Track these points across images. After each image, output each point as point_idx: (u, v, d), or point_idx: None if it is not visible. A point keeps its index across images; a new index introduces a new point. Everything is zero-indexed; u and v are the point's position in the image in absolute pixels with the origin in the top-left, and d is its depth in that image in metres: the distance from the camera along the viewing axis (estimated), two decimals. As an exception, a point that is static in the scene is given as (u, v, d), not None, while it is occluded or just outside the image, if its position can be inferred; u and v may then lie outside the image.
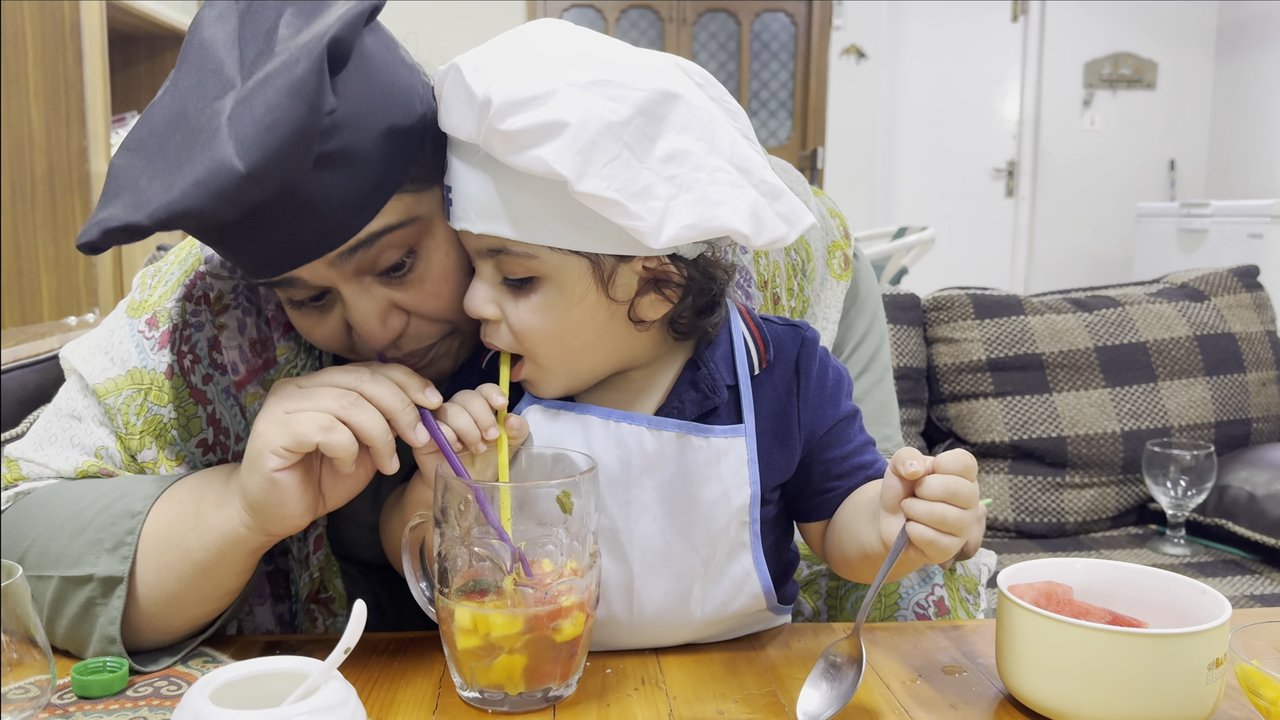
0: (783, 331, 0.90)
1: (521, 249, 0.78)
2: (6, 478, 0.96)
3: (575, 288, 0.80)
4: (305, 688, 0.62)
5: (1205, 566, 1.86)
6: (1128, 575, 0.86)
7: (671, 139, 0.75)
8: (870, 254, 3.97)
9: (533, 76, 0.74)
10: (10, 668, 0.71)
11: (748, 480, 0.85)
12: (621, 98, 0.74)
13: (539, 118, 0.72)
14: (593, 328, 0.82)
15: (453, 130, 0.79)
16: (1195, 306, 2.17)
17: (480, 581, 0.77)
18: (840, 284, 1.18)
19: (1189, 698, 0.74)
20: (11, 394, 1.42)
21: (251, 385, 0.96)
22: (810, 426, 0.88)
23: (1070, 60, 6.41)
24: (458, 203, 0.81)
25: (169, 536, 0.84)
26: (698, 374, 0.86)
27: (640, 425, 0.84)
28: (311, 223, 0.77)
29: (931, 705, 0.81)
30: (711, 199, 0.75)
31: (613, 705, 0.80)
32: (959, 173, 6.53)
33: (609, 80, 0.74)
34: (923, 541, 0.74)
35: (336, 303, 0.86)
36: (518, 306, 0.81)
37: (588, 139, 0.72)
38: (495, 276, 0.82)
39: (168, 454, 0.95)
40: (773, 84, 6.35)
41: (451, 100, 0.78)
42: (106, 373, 0.95)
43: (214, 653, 0.90)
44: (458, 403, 0.82)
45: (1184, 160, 6.46)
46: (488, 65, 0.76)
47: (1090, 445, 2.05)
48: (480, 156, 0.78)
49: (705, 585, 0.87)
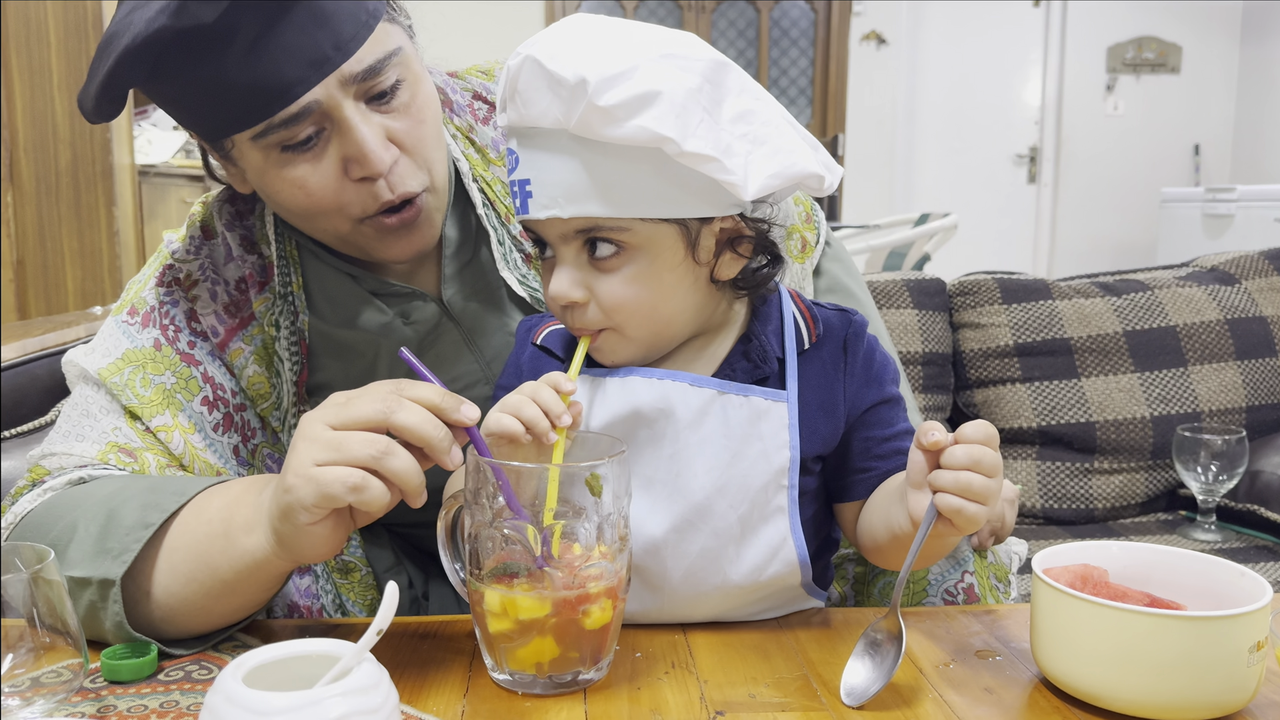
0: (832, 314, 0.94)
1: (614, 224, 0.82)
2: (29, 477, 0.97)
3: (667, 255, 0.84)
4: (338, 670, 0.62)
5: (1237, 552, 1.84)
6: (1164, 558, 0.85)
7: (734, 101, 0.82)
8: (892, 240, 3.94)
9: (613, 55, 0.78)
10: (43, 652, 0.71)
11: (786, 444, 0.87)
12: (689, 68, 0.79)
13: (633, 89, 0.76)
14: (681, 292, 0.86)
15: (534, 120, 0.81)
16: (1225, 290, 2.14)
17: (511, 565, 0.76)
18: (800, 265, 1.21)
19: (1229, 681, 0.73)
20: (39, 381, 1.43)
21: (233, 342, 1.05)
22: (853, 401, 0.91)
23: (1093, 44, 6.34)
24: (540, 192, 0.82)
25: (198, 555, 0.83)
26: (749, 345, 0.90)
27: (683, 382, 0.87)
28: (327, 31, 0.87)
29: (965, 688, 0.80)
30: (784, 149, 0.82)
31: (644, 689, 0.80)
32: (981, 159, 6.49)
33: (673, 54, 0.80)
34: (950, 510, 0.75)
35: (332, 141, 0.93)
36: (609, 282, 0.84)
37: (679, 103, 0.77)
38: (579, 259, 0.84)
39: (181, 419, 1.01)
40: (792, 71, 6.32)
41: (530, 91, 0.80)
42: (105, 360, 1.02)
43: (244, 637, 0.90)
44: (524, 393, 0.81)
45: (1209, 145, 6.39)
46: (564, 51, 0.78)
47: (1119, 431, 2.03)
48: (565, 141, 0.80)
49: (740, 547, 0.88)
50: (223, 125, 0.92)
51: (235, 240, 1.07)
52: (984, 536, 1.08)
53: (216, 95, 0.89)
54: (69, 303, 2.94)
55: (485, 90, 1.17)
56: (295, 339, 1.05)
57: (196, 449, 1.01)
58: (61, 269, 2.95)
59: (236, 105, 0.89)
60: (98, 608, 0.83)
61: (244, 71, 0.87)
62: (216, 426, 1.03)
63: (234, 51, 0.86)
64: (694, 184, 0.81)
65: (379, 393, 0.77)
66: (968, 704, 0.78)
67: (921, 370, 2.05)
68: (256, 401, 1.05)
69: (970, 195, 6.38)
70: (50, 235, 2.92)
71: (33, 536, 0.88)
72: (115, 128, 2.92)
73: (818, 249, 1.23)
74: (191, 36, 0.84)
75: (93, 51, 3.16)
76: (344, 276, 1.07)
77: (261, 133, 0.91)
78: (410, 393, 0.77)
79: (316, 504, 0.74)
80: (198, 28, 0.83)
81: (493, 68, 1.21)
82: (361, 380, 0.99)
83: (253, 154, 0.94)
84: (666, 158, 0.79)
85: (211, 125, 0.93)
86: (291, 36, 0.87)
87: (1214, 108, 6.38)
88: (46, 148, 2.90)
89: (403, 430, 0.75)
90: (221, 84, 0.87)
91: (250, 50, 0.86)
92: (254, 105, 0.89)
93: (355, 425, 0.76)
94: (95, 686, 0.81)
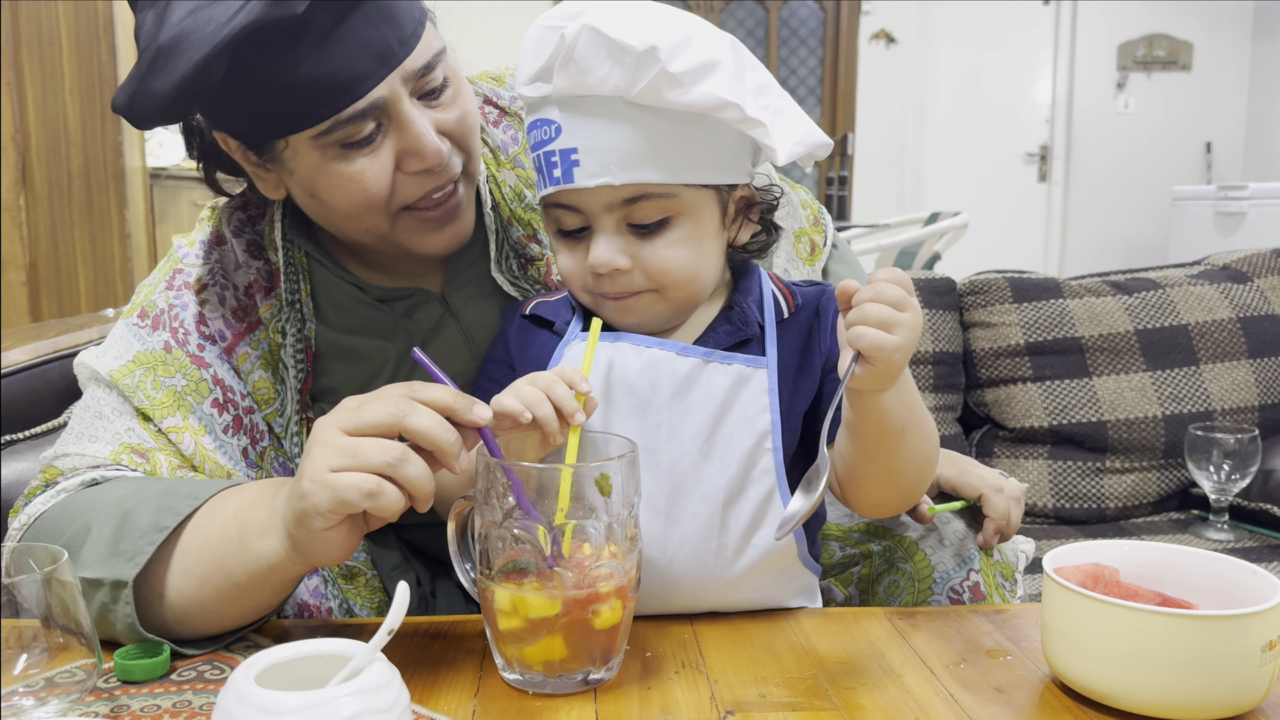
0: (808, 289, 0.98)
1: (663, 190, 0.85)
2: (43, 478, 0.98)
3: (709, 220, 0.89)
4: (349, 669, 0.62)
5: (1249, 552, 1.83)
6: (1175, 557, 0.84)
7: (751, 75, 0.87)
8: (902, 240, 3.94)
9: (671, 24, 0.83)
10: (56, 652, 0.71)
11: (767, 408, 0.90)
12: (720, 43, 0.85)
13: (698, 57, 0.81)
14: (715, 256, 0.92)
15: (590, 88, 0.83)
16: (1238, 288, 2.13)
17: (520, 563, 0.77)
18: (808, 268, 1.23)
19: (1242, 681, 0.72)
20: (53, 384, 1.43)
21: (240, 347, 1.06)
22: (829, 355, 0.94)
23: (1103, 42, 6.32)
24: (590, 160, 0.84)
25: (212, 559, 0.84)
26: (731, 312, 0.94)
27: (670, 350, 0.90)
28: (392, 26, 0.91)
29: (976, 689, 0.80)
30: (800, 119, 0.88)
31: (654, 689, 0.80)
32: (991, 157, 6.47)
33: (705, 28, 0.85)
34: (853, 337, 0.79)
35: (389, 136, 0.95)
36: (653, 247, 0.87)
37: (733, 73, 0.83)
38: (620, 227, 0.87)
39: (191, 420, 1.01)
40: (801, 70, 6.31)
41: (589, 59, 0.82)
42: (117, 362, 1.03)
43: (256, 637, 0.91)
44: (538, 385, 0.81)
45: (1220, 142, 6.36)
46: (623, 20, 0.81)
47: (1131, 430, 2.02)
48: (621, 108, 0.83)
49: (730, 510, 0.89)
50: (284, 124, 0.92)
51: (241, 246, 1.08)
52: (989, 535, 1.08)
53: (284, 92, 0.89)
54: (81, 305, 2.95)
55: (495, 95, 1.19)
56: (302, 346, 1.06)
57: (207, 450, 1.01)
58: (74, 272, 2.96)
59: (303, 101, 0.90)
60: (109, 609, 0.84)
61: (316, 64, 0.88)
62: (226, 429, 1.03)
63: (305, 44, 0.87)
64: (731, 150, 0.87)
65: (391, 396, 0.77)
66: (979, 703, 0.78)
67: (932, 370, 2.05)
68: (261, 407, 1.06)
69: (980, 194, 6.36)
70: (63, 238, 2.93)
71: (46, 537, 0.88)
72: (127, 131, 2.93)
73: (825, 250, 1.23)
74: (274, 30, 0.85)
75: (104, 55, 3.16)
76: (349, 284, 1.08)
77: (327, 130, 0.92)
78: (423, 395, 0.77)
79: (332, 510, 0.75)
80: (282, 20, 0.84)
81: (503, 74, 1.22)
82: (367, 385, 1.00)
83: (309, 154, 0.94)
84: (712, 123, 0.83)
85: (271, 125, 0.92)
86: (361, 30, 0.89)
87: (1226, 105, 6.35)
88: (59, 151, 2.91)
89: (415, 435, 0.75)
90: (291, 79, 0.88)
91: (323, 43, 0.87)
92: (322, 100, 0.90)
93: (369, 430, 0.76)
94: (109, 686, 0.81)
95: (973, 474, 1.12)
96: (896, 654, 0.86)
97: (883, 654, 0.86)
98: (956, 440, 2.07)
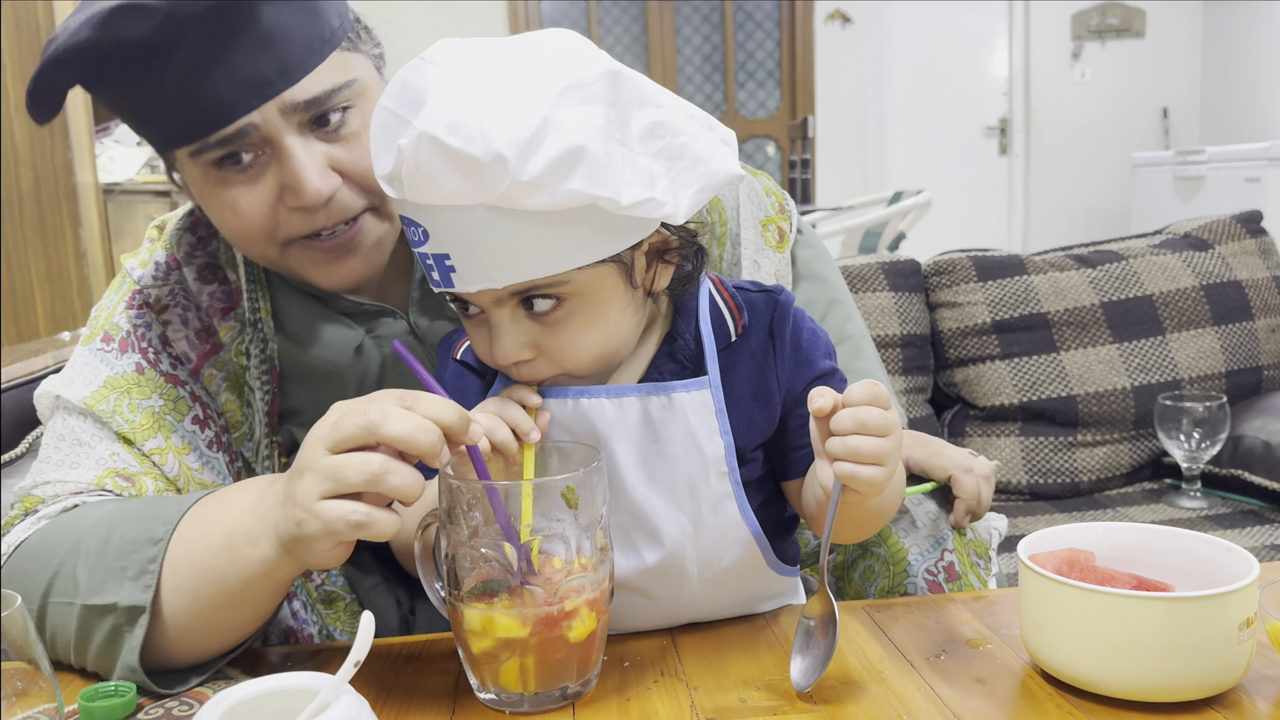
0: (757, 298, 0.91)
1: (551, 281, 0.77)
2: (21, 507, 0.95)
3: (611, 289, 0.81)
4: (316, 704, 0.61)
5: (1223, 518, 1.85)
6: (1150, 537, 0.84)
7: (637, 116, 0.76)
8: (866, 220, 3.94)
9: (517, 111, 0.71)
10: (16, 697, 0.69)
11: (718, 430, 0.85)
12: (588, 97, 0.74)
13: (554, 151, 0.71)
14: (625, 319, 0.84)
15: (446, 199, 0.74)
16: (1200, 256, 2.15)
17: (491, 583, 0.75)
18: (779, 255, 1.20)
19: (1220, 660, 0.72)
20: (10, 414, 1.40)
21: (205, 369, 1.04)
22: (788, 386, 0.89)
23: (1057, 12, 6.35)
24: (465, 266, 0.76)
25: (202, 570, 0.82)
26: (675, 345, 0.88)
27: (598, 397, 0.85)
28: (272, 56, 0.87)
29: (957, 680, 0.80)
30: (703, 157, 0.78)
31: (633, 700, 0.79)
32: (951, 133, 6.49)
33: (568, 84, 0.73)
34: (844, 476, 0.74)
35: (271, 166, 0.92)
36: (555, 335, 0.81)
37: (601, 153, 0.73)
38: (515, 315, 0.80)
39: (174, 440, 1.00)
40: (758, 54, 6.30)
41: (437, 171, 0.72)
42: (88, 389, 1.00)
43: (230, 670, 0.89)
44: (490, 410, 0.79)
45: (1177, 108, 6.41)
46: (463, 119, 0.71)
47: (1101, 403, 2.03)
48: (484, 214, 0.74)
49: (698, 544, 0.87)
50: (163, 139, 0.93)
51: (193, 273, 1.05)
52: (960, 515, 1.08)
53: (156, 109, 0.89)
54: (40, 327, 2.90)
55: None
56: (266, 367, 1.03)
57: (192, 470, 1.00)
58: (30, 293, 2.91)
59: (175, 121, 0.89)
60: (122, 632, 0.82)
61: (183, 89, 0.87)
62: (210, 444, 1.02)
63: (175, 68, 0.86)
64: (623, 220, 0.77)
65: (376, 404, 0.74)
66: (960, 697, 0.77)
67: (900, 352, 2.05)
68: (230, 429, 1.04)
69: (943, 170, 6.38)
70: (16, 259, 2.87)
71: (31, 564, 0.87)
72: (77, 146, 2.88)
73: (792, 237, 1.22)
74: (124, 50, 0.84)
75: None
76: (312, 300, 1.06)
77: (198, 150, 0.91)
78: (422, 409, 0.74)
79: (325, 538, 0.74)
80: (124, 43, 0.83)
81: None
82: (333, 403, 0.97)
83: (192, 170, 0.94)
84: (596, 208, 0.74)
85: (153, 137, 0.94)
86: (235, 59, 0.86)
87: (1180, 70, 6.39)
88: (7, 170, 2.85)
89: (393, 443, 0.73)
90: (160, 99, 0.88)
91: (193, 69, 0.86)
92: (192, 123, 0.89)
93: (348, 445, 0.74)
94: (74, 729, 0.79)
95: (942, 455, 1.12)
96: (876, 649, 0.86)
97: (862, 649, 0.86)
98: (928, 422, 2.07)
